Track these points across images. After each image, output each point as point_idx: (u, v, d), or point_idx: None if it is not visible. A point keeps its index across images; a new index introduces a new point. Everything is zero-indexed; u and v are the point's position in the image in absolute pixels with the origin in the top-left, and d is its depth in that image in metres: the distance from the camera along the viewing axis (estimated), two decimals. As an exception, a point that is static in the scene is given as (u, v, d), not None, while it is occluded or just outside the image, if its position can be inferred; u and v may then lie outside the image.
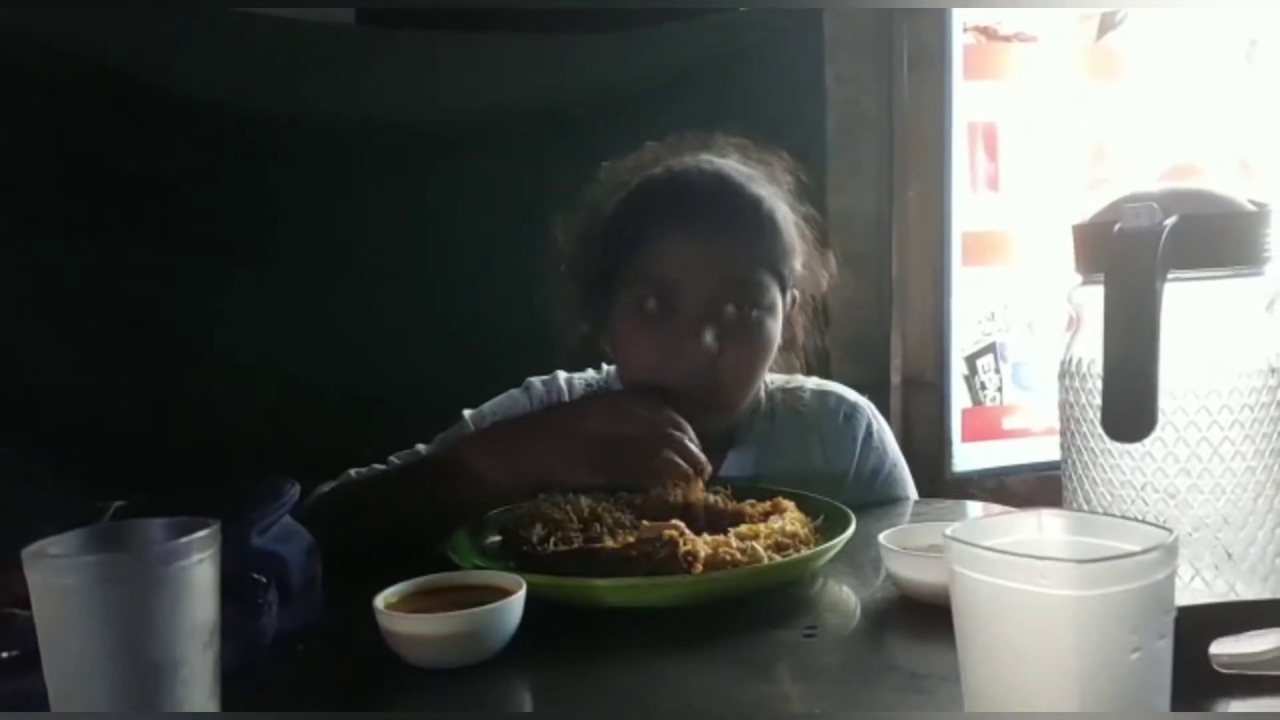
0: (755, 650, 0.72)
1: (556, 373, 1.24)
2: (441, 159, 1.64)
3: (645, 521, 0.89)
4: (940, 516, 1.10)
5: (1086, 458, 0.69)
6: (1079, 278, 0.71)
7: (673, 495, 0.94)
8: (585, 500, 0.93)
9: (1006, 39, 2.07)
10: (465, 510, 0.97)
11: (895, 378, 2.05)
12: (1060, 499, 0.73)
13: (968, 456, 2.11)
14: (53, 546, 0.55)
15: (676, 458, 0.95)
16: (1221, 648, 0.59)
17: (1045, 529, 0.54)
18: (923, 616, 0.76)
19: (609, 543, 0.83)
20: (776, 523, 0.88)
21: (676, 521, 0.85)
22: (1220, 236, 0.66)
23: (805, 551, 0.84)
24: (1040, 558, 0.47)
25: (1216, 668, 0.58)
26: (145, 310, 1.52)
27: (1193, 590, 0.65)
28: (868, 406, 1.22)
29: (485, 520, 0.97)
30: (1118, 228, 0.63)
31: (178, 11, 1.50)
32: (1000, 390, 2.13)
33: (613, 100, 1.69)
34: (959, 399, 2.10)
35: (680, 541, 0.80)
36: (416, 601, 0.74)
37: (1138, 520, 0.54)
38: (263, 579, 0.72)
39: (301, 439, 1.35)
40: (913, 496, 1.21)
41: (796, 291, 1.15)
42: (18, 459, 1.25)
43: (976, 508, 1.20)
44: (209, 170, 1.55)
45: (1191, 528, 0.65)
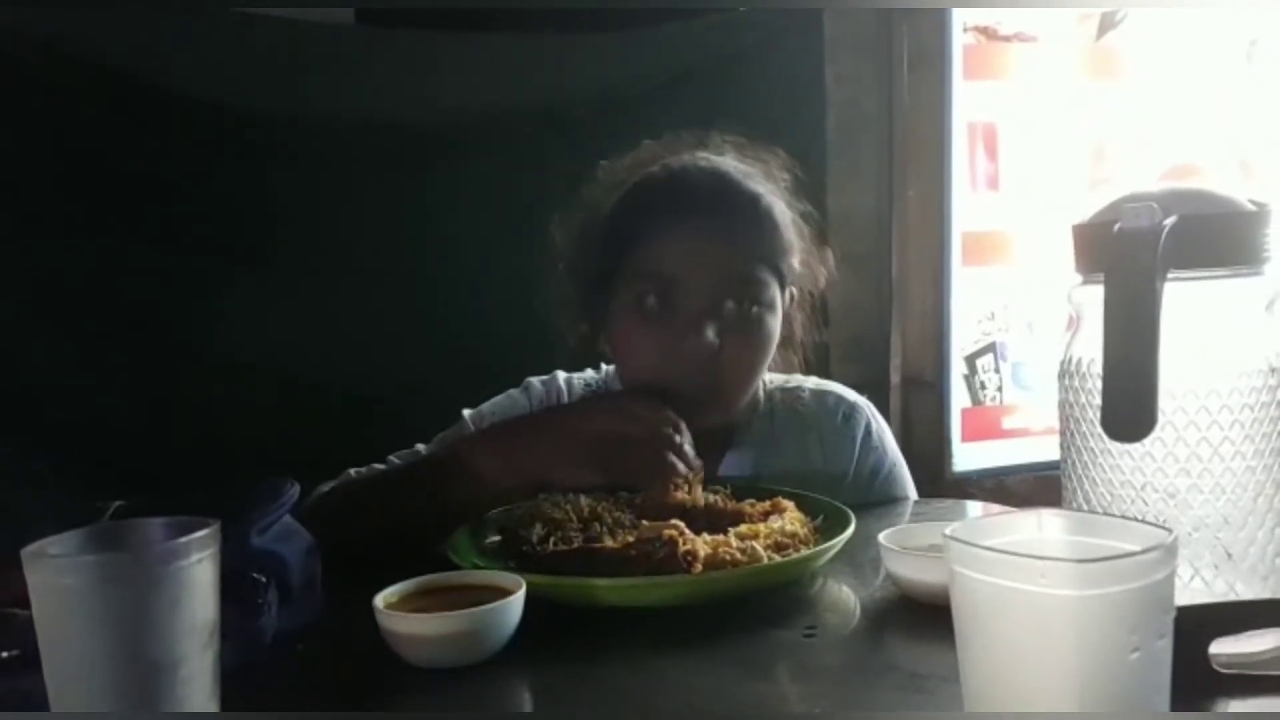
0: (755, 650, 0.72)
1: (556, 373, 1.24)
2: (441, 159, 1.64)
3: (645, 521, 0.89)
4: (940, 516, 1.10)
5: (1086, 457, 0.69)
6: (1079, 277, 0.71)
7: (671, 498, 0.94)
8: (585, 500, 0.93)
9: (1006, 39, 2.07)
10: (465, 510, 0.97)
11: (895, 377, 2.05)
12: (1060, 499, 0.73)
13: (967, 456, 2.11)
14: (52, 546, 0.55)
15: (674, 458, 0.95)
16: (1221, 647, 0.59)
17: (1045, 529, 0.54)
18: (922, 616, 0.76)
19: (609, 542, 0.83)
20: (776, 522, 0.89)
21: (676, 521, 0.85)
22: (1220, 236, 0.66)
23: (805, 551, 0.84)
24: (1040, 557, 0.47)
25: (1216, 667, 0.58)
26: (145, 310, 1.52)
27: (1192, 590, 0.65)
28: (867, 406, 1.22)
29: (485, 520, 0.97)
30: (1118, 228, 0.63)
31: (178, 11, 1.50)
32: (1000, 390, 2.13)
33: (613, 100, 1.69)
34: (959, 399, 2.10)
35: (680, 541, 0.80)
36: (416, 601, 0.74)
37: (1137, 520, 0.54)
38: (262, 579, 0.72)
39: (301, 439, 1.35)
40: (912, 496, 1.21)
41: (794, 288, 1.15)
42: (18, 459, 1.25)
43: (976, 507, 1.20)
44: (209, 170, 1.55)
45: (1191, 527, 0.65)
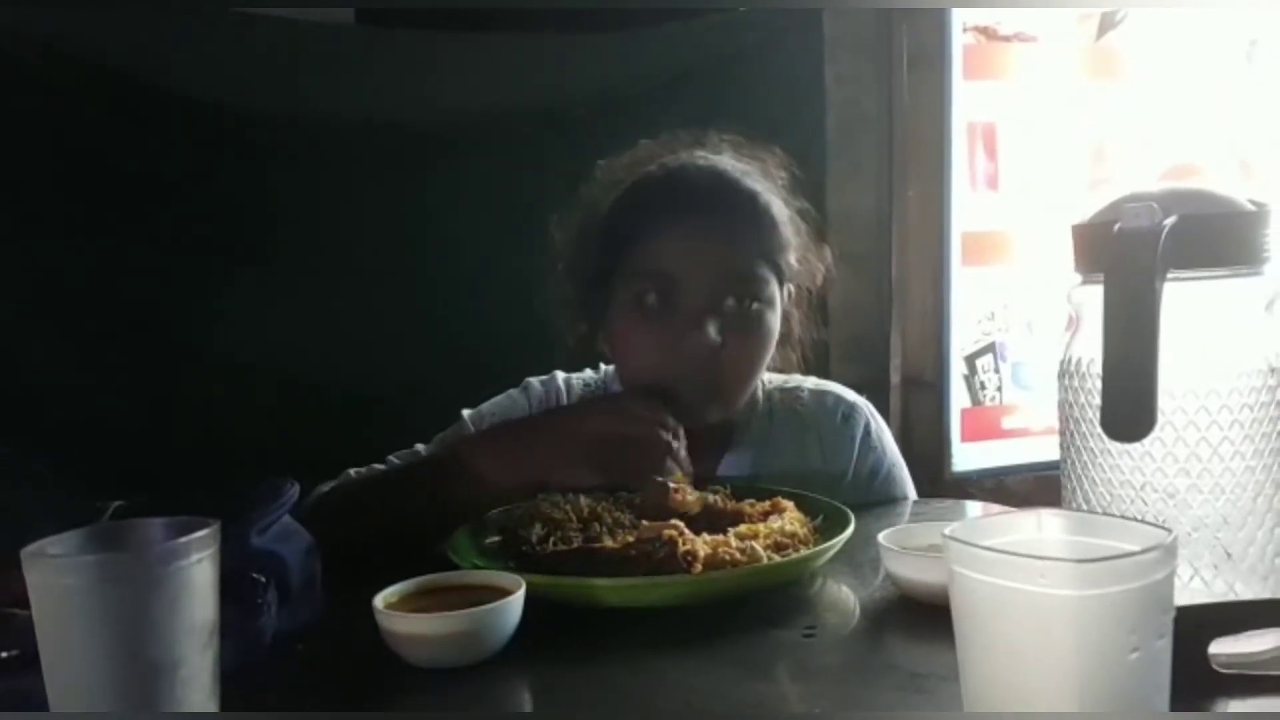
0: (754, 650, 0.72)
1: (555, 373, 1.24)
2: (441, 159, 1.64)
3: (645, 521, 0.89)
4: (939, 516, 1.10)
5: (1086, 457, 0.69)
6: (1078, 277, 0.71)
7: (667, 502, 0.94)
8: (585, 500, 0.93)
9: (1006, 39, 2.07)
10: (465, 510, 0.97)
11: (895, 377, 2.05)
12: (1059, 499, 0.73)
13: (967, 456, 2.11)
14: (52, 546, 0.55)
15: (670, 462, 0.95)
16: (1220, 647, 0.59)
17: (1044, 529, 0.54)
18: (922, 616, 0.76)
19: (608, 542, 0.83)
20: (776, 522, 0.89)
21: (676, 521, 0.85)
22: (1220, 236, 0.66)
23: (804, 551, 0.84)
24: (1039, 557, 0.47)
25: (1215, 667, 0.58)
26: (145, 310, 1.52)
27: (1192, 590, 0.65)
28: (866, 406, 1.22)
29: (485, 520, 0.97)
30: (1117, 228, 0.63)
31: (178, 11, 1.49)
32: (1000, 390, 2.13)
33: (613, 100, 1.69)
34: (958, 399, 2.10)
35: (679, 541, 0.80)
36: (416, 601, 0.74)
37: (1137, 520, 0.54)
38: (262, 579, 0.72)
39: (301, 439, 1.35)
40: (911, 497, 1.21)
41: (793, 285, 1.15)
42: (18, 459, 1.25)
43: (976, 507, 1.20)
44: (209, 170, 1.55)
45: (1190, 527, 0.65)
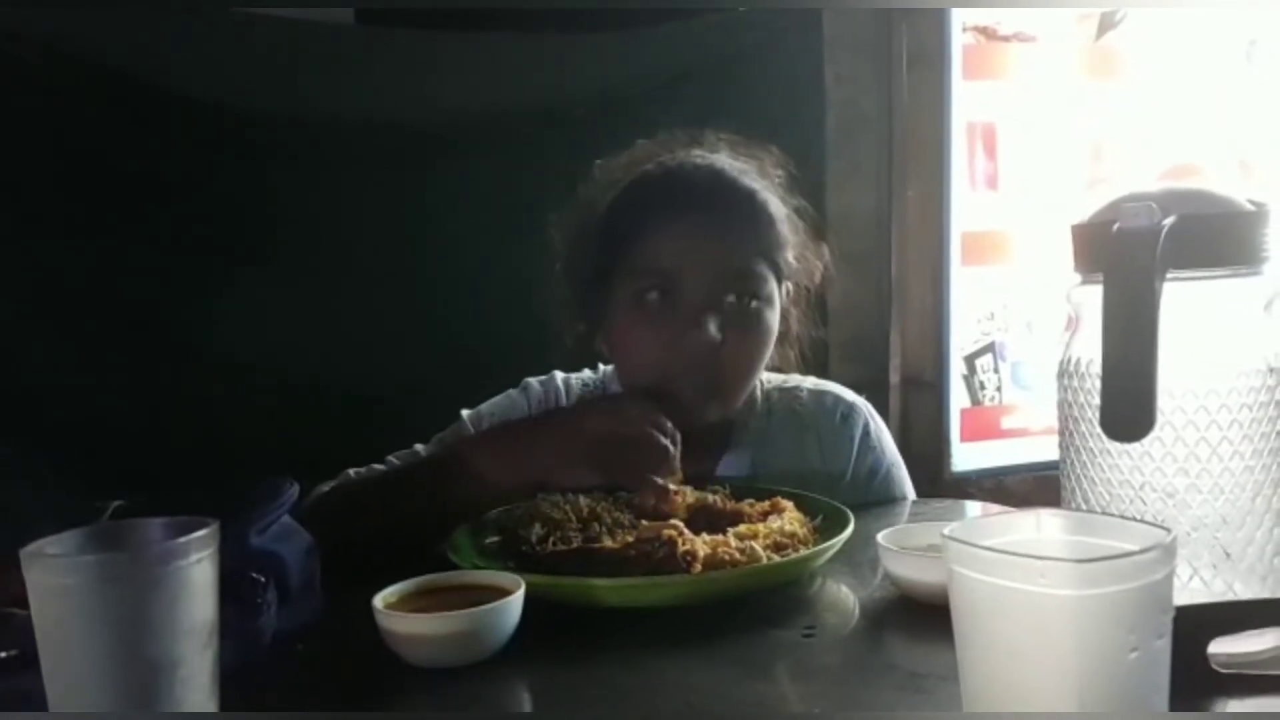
0: (754, 650, 0.72)
1: (554, 373, 1.24)
2: (441, 159, 1.64)
3: (644, 521, 0.89)
4: (939, 516, 1.10)
5: (1085, 457, 0.69)
6: (1078, 277, 0.71)
7: (666, 505, 0.94)
8: (584, 500, 0.93)
9: (1006, 39, 2.07)
10: (464, 510, 0.97)
11: (894, 377, 2.05)
12: (1059, 498, 0.73)
13: (966, 456, 2.11)
14: (51, 546, 0.55)
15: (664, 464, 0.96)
16: (1220, 647, 0.59)
17: (1044, 528, 0.54)
18: (921, 616, 0.76)
19: (608, 542, 0.83)
20: (775, 522, 0.89)
21: (675, 521, 0.85)
22: (1219, 236, 0.66)
23: (804, 551, 0.84)
24: (1039, 557, 0.47)
25: (1215, 667, 0.58)
26: (145, 310, 1.52)
27: (1191, 590, 0.65)
28: (865, 406, 1.22)
29: (484, 520, 0.97)
30: (1116, 227, 0.63)
31: (178, 11, 1.49)
32: (999, 390, 2.13)
33: (613, 100, 1.69)
34: (958, 399, 2.10)
35: (679, 541, 0.80)
36: (416, 601, 0.74)
37: (1136, 520, 0.54)
38: (261, 578, 0.72)
39: (301, 439, 1.35)
40: (910, 497, 1.21)
41: (790, 283, 1.15)
42: (18, 459, 1.25)
43: (975, 507, 1.20)
44: (209, 170, 1.55)
45: (1190, 527, 0.65)
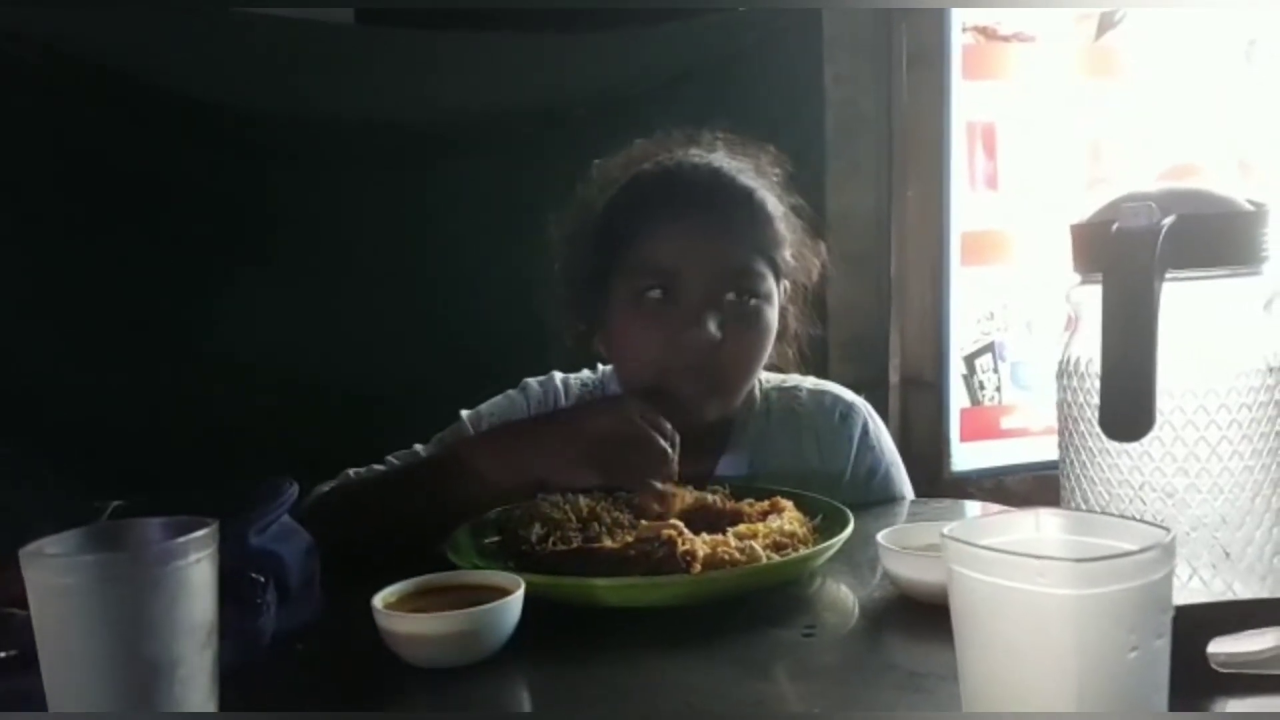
0: (754, 649, 0.72)
1: (553, 373, 1.24)
2: (441, 159, 1.64)
3: (644, 521, 0.89)
4: (938, 516, 1.10)
5: (1084, 457, 0.69)
6: (1077, 277, 0.71)
7: (661, 507, 0.94)
8: (584, 500, 0.93)
9: (1005, 39, 2.07)
10: (464, 510, 0.97)
11: (894, 377, 2.05)
12: (1058, 498, 0.73)
13: (966, 456, 2.11)
14: (50, 546, 0.55)
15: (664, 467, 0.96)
16: (1219, 647, 0.59)
17: (1043, 528, 0.54)
18: (921, 616, 0.76)
19: (607, 542, 0.83)
20: (775, 522, 0.89)
21: (675, 521, 0.85)
22: (1218, 236, 0.66)
23: (803, 551, 0.84)
24: (1038, 557, 0.47)
25: (1214, 667, 0.58)
26: (145, 310, 1.52)
27: (1190, 589, 0.65)
28: (864, 406, 1.22)
29: (484, 520, 0.97)
30: (1116, 227, 0.63)
31: (178, 11, 1.49)
32: (999, 390, 2.13)
33: (613, 100, 1.69)
34: (957, 398, 2.10)
35: (679, 541, 0.80)
36: (415, 601, 0.74)
37: (1135, 519, 0.54)
38: (261, 578, 0.72)
39: (301, 439, 1.35)
40: (910, 496, 1.21)
41: (788, 281, 1.15)
42: (18, 459, 1.25)
43: (974, 507, 1.20)
44: (209, 170, 1.55)
45: (1189, 527, 0.65)
